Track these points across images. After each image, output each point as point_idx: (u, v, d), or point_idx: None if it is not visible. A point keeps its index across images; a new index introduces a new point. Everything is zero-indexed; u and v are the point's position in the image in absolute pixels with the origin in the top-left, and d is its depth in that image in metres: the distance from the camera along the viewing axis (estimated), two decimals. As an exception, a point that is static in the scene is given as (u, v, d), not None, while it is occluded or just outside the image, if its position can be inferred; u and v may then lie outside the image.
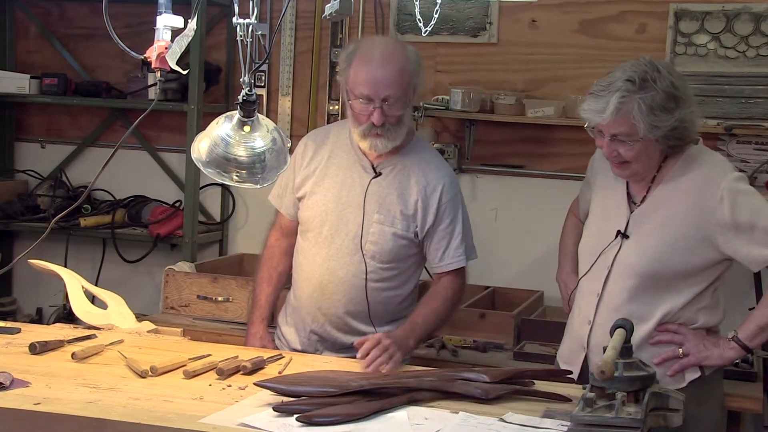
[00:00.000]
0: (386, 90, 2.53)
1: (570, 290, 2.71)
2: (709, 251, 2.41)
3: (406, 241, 2.66)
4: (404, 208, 2.65)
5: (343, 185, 2.69)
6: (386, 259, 2.65)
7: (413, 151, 2.71)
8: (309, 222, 2.72)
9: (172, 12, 2.22)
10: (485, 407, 2.07)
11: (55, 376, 2.17)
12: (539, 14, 3.93)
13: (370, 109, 2.55)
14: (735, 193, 2.38)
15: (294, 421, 1.92)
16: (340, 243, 2.66)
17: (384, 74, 2.53)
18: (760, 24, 3.65)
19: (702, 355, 2.42)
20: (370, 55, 2.57)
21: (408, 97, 2.60)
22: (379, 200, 2.65)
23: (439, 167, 2.73)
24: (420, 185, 2.66)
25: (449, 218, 2.67)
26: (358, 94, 2.56)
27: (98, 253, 4.41)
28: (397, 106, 2.56)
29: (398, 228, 2.64)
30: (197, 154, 2.30)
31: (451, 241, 2.67)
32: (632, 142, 2.36)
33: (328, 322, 2.70)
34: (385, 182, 2.66)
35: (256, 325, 2.82)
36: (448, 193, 2.67)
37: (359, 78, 2.55)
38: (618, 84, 2.33)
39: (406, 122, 2.64)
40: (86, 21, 4.52)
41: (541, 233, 3.52)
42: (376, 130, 2.57)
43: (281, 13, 2.45)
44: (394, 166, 2.68)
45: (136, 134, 4.41)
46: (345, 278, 2.65)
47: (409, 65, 2.59)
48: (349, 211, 2.66)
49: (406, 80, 2.57)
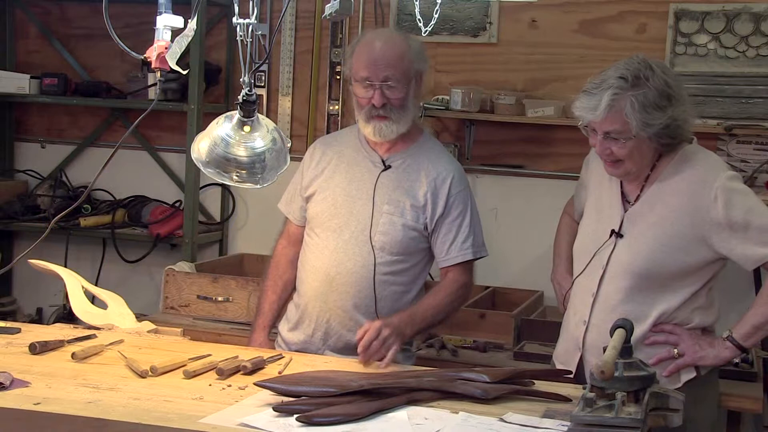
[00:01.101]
0: (385, 70, 2.57)
1: (565, 291, 2.71)
2: (704, 250, 2.41)
3: (415, 233, 2.67)
4: (414, 199, 2.66)
5: (353, 180, 2.71)
6: (395, 250, 2.65)
7: (422, 147, 2.74)
8: (318, 216, 2.73)
9: (172, 12, 2.22)
10: (485, 407, 2.07)
11: (55, 376, 2.17)
12: (539, 14, 3.93)
13: (371, 92, 2.58)
14: (729, 192, 2.38)
15: (294, 421, 1.92)
16: (349, 235, 2.67)
17: (383, 56, 2.58)
18: (760, 24, 3.65)
19: (697, 356, 2.42)
20: (371, 42, 2.63)
21: (410, 81, 2.62)
22: (388, 192, 2.67)
23: (450, 161, 2.77)
24: (430, 177, 2.68)
25: (458, 210, 2.68)
26: (359, 78, 2.60)
27: (98, 253, 4.41)
28: (398, 88, 2.59)
29: (408, 219, 2.65)
30: (197, 154, 2.30)
31: (458, 234, 2.68)
32: (624, 139, 2.36)
33: (334, 317, 2.69)
34: (394, 174, 2.68)
35: (258, 331, 2.86)
36: (458, 185, 2.69)
37: (360, 62, 2.60)
38: (610, 81, 2.34)
39: (411, 108, 2.65)
40: (86, 21, 4.52)
41: (541, 233, 3.51)
42: (379, 111, 2.60)
43: (281, 13, 2.46)
44: (404, 159, 2.70)
45: (136, 134, 4.41)
46: (353, 269, 2.65)
47: (410, 52, 2.62)
48: (360, 204, 2.67)
49: (406, 64, 2.60)
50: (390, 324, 2.45)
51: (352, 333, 2.64)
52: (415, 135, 2.73)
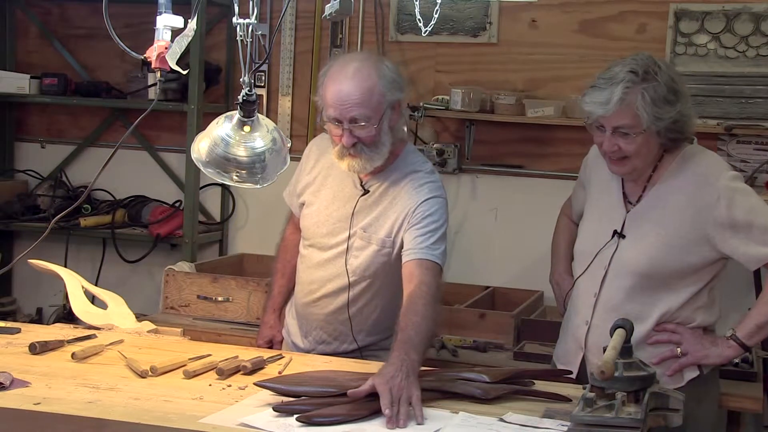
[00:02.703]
0: (352, 110, 2.45)
1: (564, 291, 2.71)
2: (707, 250, 2.41)
3: (385, 257, 2.61)
4: (388, 228, 2.60)
5: (336, 198, 2.68)
6: (367, 274, 2.63)
7: (401, 167, 2.63)
8: (306, 229, 2.76)
9: (172, 12, 2.22)
10: (485, 407, 2.07)
11: (55, 376, 2.17)
12: (539, 14, 3.93)
13: (341, 131, 2.49)
14: (732, 191, 2.38)
15: (294, 421, 1.92)
16: (330, 255, 2.68)
17: (350, 95, 2.45)
18: (760, 24, 3.65)
19: (700, 354, 2.42)
20: (338, 75, 2.49)
21: (381, 116, 2.49)
22: (364, 216, 2.63)
23: (425, 186, 2.59)
24: (404, 206, 2.58)
25: (429, 226, 2.53)
26: (327, 116, 2.51)
27: (98, 253, 4.41)
28: (368, 127, 2.47)
29: (379, 246, 2.61)
30: (197, 154, 2.30)
31: (429, 236, 2.51)
32: (635, 134, 2.36)
33: (320, 327, 2.74)
34: (371, 199, 2.63)
35: (269, 313, 2.94)
36: (431, 208, 2.55)
37: (327, 100, 2.49)
38: (621, 75, 2.34)
39: (386, 142, 2.53)
40: (86, 21, 4.52)
41: (541, 233, 3.50)
42: (349, 150, 2.50)
43: (281, 13, 2.46)
44: (381, 183, 2.63)
45: (136, 134, 4.41)
46: (331, 289, 2.67)
47: (380, 84, 2.48)
48: (339, 226, 2.66)
49: (376, 99, 2.47)
50: (392, 379, 2.08)
51: (338, 340, 2.71)
52: (397, 150, 2.63)
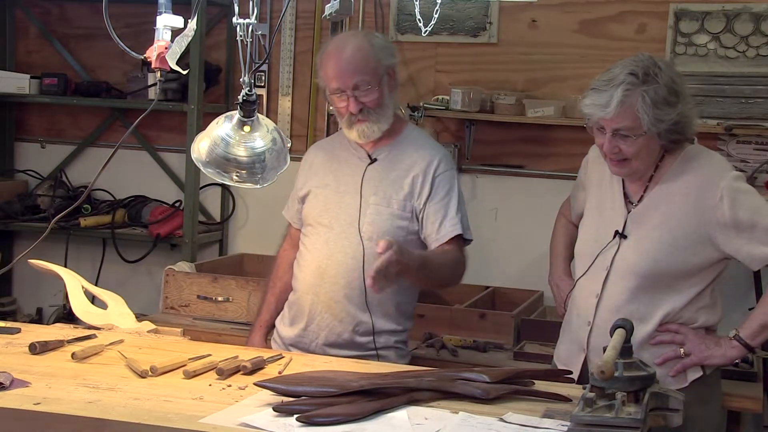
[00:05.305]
0: (353, 77, 2.61)
1: (563, 293, 2.71)
2: (709, 250, 2.41)
3: (404, 222, 2.69)
4: (400, 189, 2.70)
5: (342, 177, 2.76)
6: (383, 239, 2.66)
7: (407, 138, 2.78)
8: (310, 214, 2.79)
9: (172, 12, 2.22)
10: (485, 407, 2.07)
11: (55, 376, 2.16)
12: (539, 14, 3.93)
13: (346, 101, 2.63)
14: (735, 192, 2.38)
15: (294, 421, 1.92)
16: (339, 228, 2.71)
17: (348, 63, 2.62)
18: (760, 24, 3.66)
19: (704, 355, 2.42)
20: (334, 51, 2.67)
21: (380, 79, 2.65)
22: (375, 184, 2.71)
23: (435, 146, 2.81)
24: (415, 164, 2.72)
25: (444, 190, 2.71)
26: (331, 90, 2.66)
27: (98, 253, 4.41)
28: (371, 90, 2.63)
29: (395, 208, 2.69)
30: (197, 154, 2.30)
31: (447, 212, 2.69)
32: (635, 136, 2.36)
33: (325, 309, 2.72)
34: (380, 166, 2.73)
35: (255, 331, 2.96)
36: (443, 167, 2.73)
37: (328, 74, 2.65)
38: (621, 77, 2.33)
39: (389, 104, 2.69)
40: (86, 21, 4.52)
41: (541, 233, 3.50)
42: (357, 116, 2.65)
43: (281, 13, 2.46)
44: (389, 151, 2.75)
45: (136, 134, 4.41)
46: (343, 261, 2.69)
47: (373, 50, 2.65)
48: (348, 198, 2.72)
49: (371, 64, 2.63)
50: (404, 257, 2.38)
51: (343, 324, 2.70)
52: (399, 127, 2.78)
